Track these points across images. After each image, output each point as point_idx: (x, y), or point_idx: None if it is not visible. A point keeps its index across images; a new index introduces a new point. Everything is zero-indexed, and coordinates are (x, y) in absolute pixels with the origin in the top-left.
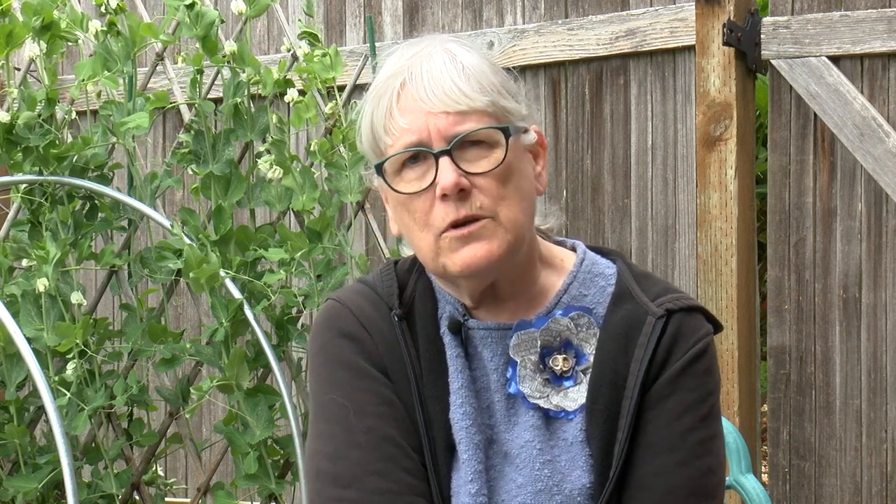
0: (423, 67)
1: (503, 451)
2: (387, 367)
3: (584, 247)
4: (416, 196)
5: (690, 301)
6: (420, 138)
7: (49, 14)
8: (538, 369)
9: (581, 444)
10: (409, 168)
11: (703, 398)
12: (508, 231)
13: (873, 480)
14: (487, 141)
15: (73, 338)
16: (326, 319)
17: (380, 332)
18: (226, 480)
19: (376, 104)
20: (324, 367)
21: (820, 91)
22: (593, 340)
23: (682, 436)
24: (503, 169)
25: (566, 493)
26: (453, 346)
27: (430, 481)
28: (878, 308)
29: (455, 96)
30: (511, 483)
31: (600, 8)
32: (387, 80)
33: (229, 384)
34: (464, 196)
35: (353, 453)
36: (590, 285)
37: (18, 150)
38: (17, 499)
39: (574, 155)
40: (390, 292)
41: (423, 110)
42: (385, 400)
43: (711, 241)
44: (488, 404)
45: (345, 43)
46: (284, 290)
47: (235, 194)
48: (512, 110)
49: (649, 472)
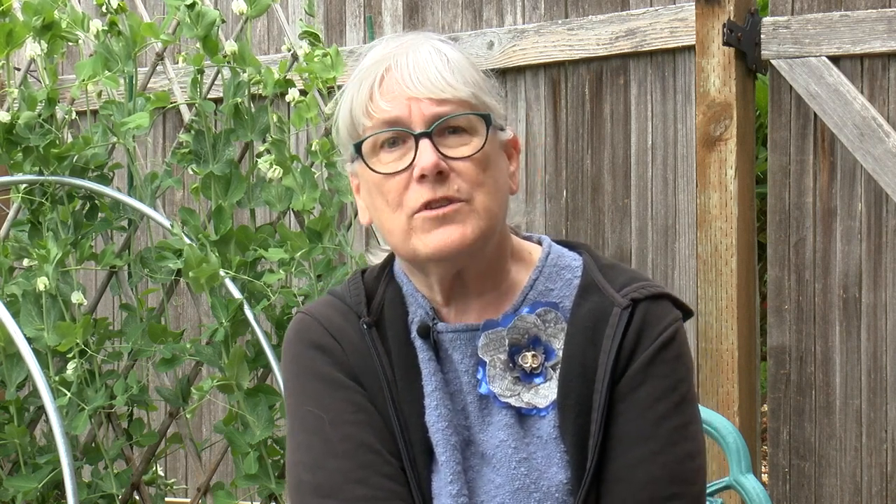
0: (409, 56)
1: (480, 452)
2: (359, 375)
3: (549, 240)
4: (391, 177)
5: (657, 288)
6: (400, 116)
7: (49, 14)
8: (507, 368)
9: (555, 440)
10: (386, 151)
11: (674, 385)
12: (482, 217)
13: (873, 480)
14: (468, 129)
15: (73, 337)
16: (297, 332)
17: (350, 341)
18: (226, 480)
19: (357, 88)
20: (297, 379)
21: (820, 91)
22: (561, 335)
23: (656, 424)
24: (482, 156)
25: (544, 490)
26: (424, 350)
27: (410, 485)
28: (878, 308)
29: (439, 84)
30: (490, 483)
31: (600, 8)
32: (370, 66)
33: (229, 384)
34: (441, 179)
35: (331, 463)
36: (556, 279)
37: (18, 150)
38: (17, 499)
39: (574, 155)
40: (358, 301)
41: (405, 94)
42: (360, 408)
43: (711, 241)
44: (462, 406)
45: (345, 43)
46: (284, 290)
47: (235, 194)
48: (492, 106)
49: (625, 464)
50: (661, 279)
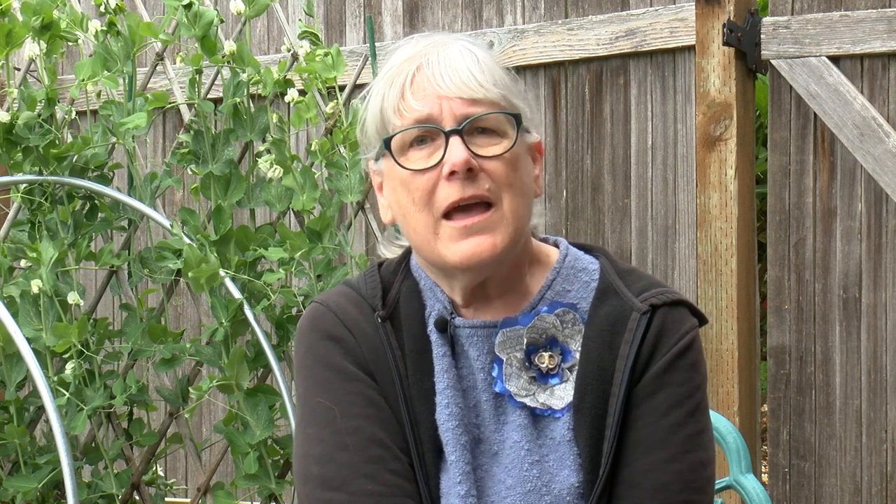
0: (441, 54)
1: (491, 451)
2: (372, 368)
3: (566, 243)
4: (419, 174)
5: (675, 295)
6: (431, 113)
7: (49, 14)
8: (524, 367)
9: (569, 443)
10: (415, 149)
11: (690, 393)
12: (510, 223)
13: (873, 480)
14: (497, 130)
15: (70, 338)
16: (311, 322)
17: (363, 333)
18: (226, 480)
19: (388, 86)
20: (310, 370)
21: (820, 91)
22: (578, 337)
23: (671, 431)
24: (511, 156)
25: (555, 493)
26: (440, 345)
27: (418, 482)
28: (878, 308)
29: (471, 83)
30: (500, 484)
31: (600, 8)
32: (401, 64)
33: (229, 384)
34: (471, 177)
35: (341, 456)
36: (573, 281)
37: (18, 150)
38: (17, 499)
39: (574, 155)
40: (374, 294)
41: (437, 93)
42: (372, 402)
43: (711, 241)
44: (475, 403)
45: (345, 43)
46: (284, 290)
47: (235, 194)
48: (521, 108)
49: (639, 470)
50: (660, 279)
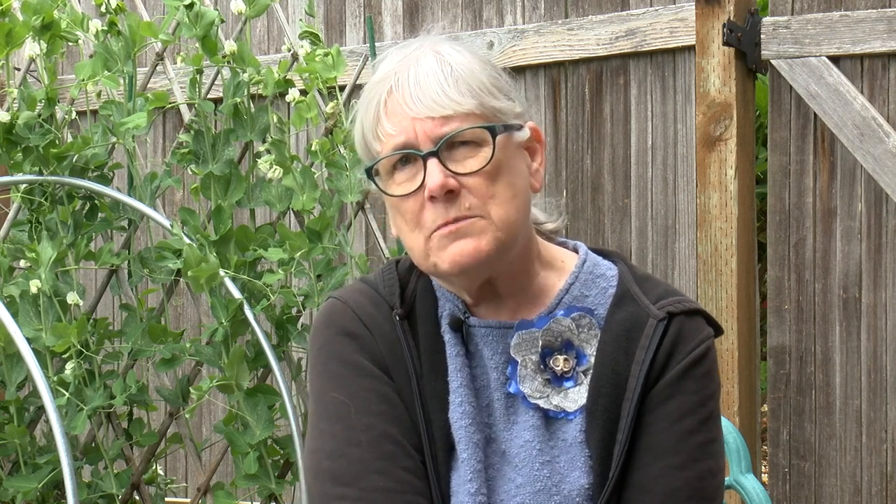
0: (410, 72)
1: (502, 450)
2: (388, 365)
3: (585, 248)
4: (406, 198)
5: (692, 304)
6: (407, 139)
7: (49, 14)
8: (539, 369)
9: (580, 445)
10: (399, 170)
11: (703, 401)
12: (499, 229)
13: (873, 480)
14: (475, 140)
15: (69, 338)
16: (328, 317)
17: (381, 330)
18: (226, 480)
19: (365, 111)
20: (325, 365)
21: (820, 91)
22: (594, 341)
23: (683, 438)
24: (492, 167)
25: (565, 493)
26: (454, 344)
27: (429, 480)
28: (878, 308)
29: (440, 101)
30: (510, 483)
31: (600, 8)
32: (375, 86)
33: (229, 384)
34: (452, 197)
35: (353, 451)
36: (591, 286)
37: (18, 150)
38: (17, 499)
39: (574, 155)
40: (391, 291)
41: (409, 116)
42: (386, 398)
43: (711, 241)
44: (488, 402)
45: (345, 43)
46: (284, 290)
47: (235, 194)
48: (503, 109)
49: (649, 475)
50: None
